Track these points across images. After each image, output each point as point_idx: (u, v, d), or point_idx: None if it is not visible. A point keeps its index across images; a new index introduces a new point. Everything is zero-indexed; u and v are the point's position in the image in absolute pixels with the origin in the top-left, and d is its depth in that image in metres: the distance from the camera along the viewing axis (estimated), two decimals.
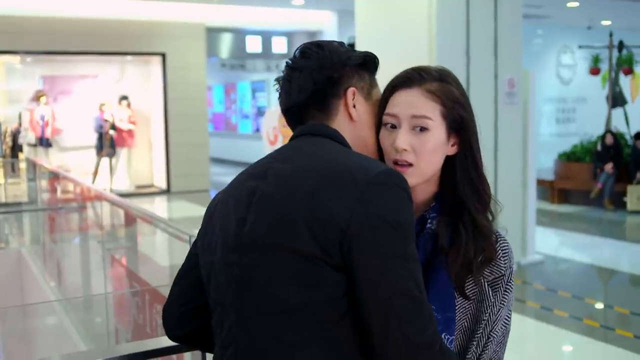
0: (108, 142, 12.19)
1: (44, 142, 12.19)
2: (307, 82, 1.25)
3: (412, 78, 1.27)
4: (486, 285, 1.26)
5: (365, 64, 1.31)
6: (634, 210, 9.63)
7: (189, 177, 12.61)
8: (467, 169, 1.28)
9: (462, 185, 1.27)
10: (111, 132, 12.20)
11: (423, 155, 1.24)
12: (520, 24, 6.52)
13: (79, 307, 5.23)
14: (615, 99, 11.38)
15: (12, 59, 12.62)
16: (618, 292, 6.23)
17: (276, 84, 1.32)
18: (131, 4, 11.70)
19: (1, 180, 11.32)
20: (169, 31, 12.32)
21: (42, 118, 12.15)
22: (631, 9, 11.94)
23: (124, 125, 12.41)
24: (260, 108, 18.48)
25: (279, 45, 14.00)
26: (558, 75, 14.77)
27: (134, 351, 1.63)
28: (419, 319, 1.07)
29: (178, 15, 12.13)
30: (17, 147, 12.62)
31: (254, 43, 13.89)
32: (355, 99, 1.27)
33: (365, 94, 1.30)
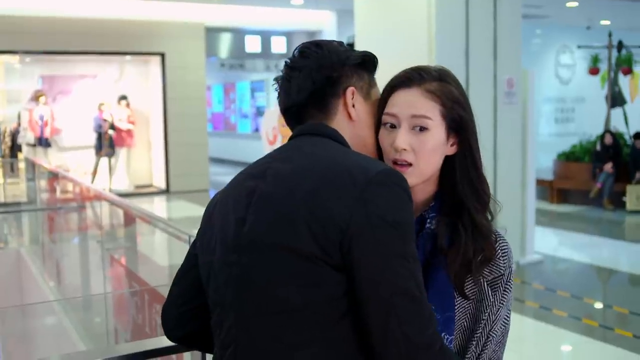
0: (107, 142, 12.19)
1: (43, 142, 12.18)
2: (306, 82, 1.25)
3: (412, 78, 1.26)
4: (485, 285, 1.26)
5: (365, 64, 1.31)
6: (633, 210, 9.64)
7: (188, 177, 12.60)
8: (467, 168, 1.28)
9: (462, 185, 1.27)
10: (110, 132, 12.19)
11: (422, 155, 1.24)
12: (519, 24, 6.51)
13: (78, 307, 5.22)
14: (614, 99, 11.38)
15: (11, 59, 12.61)
16: (617, 292, 6.23)
17: (275, 83, 1.32)
18: (130, 3, 11.69)
19: (0, 180, 11.32)
20: (168, 31, 12.31)
21: (41, 118, 12.14)
22: (630, 9, 11.94)
23: (123, 125, 12.41)
24: (259, 108, 18.49)
25: (278, 45, 14.00)
26: (557, 75, 14.77)
27: (133, 351, 1.63)
28: (419, 319, 1.07)
29: (177, 15, 12.12)
30: (16, 147, 12.61)
31: (253, 43, 13.89)
32: (354, 98, 1.27)
33: (365, 94, 1.30)
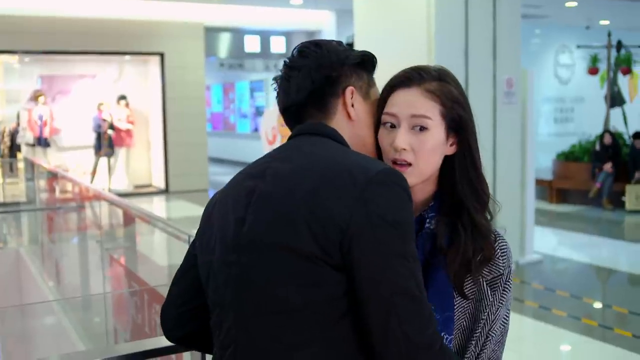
0: (106, 142, 12.18)
1: (42, 142, 12.18)
2: (306, 81, 1.25)
3: (412, 77, 1.26)
4: (485, 284, 1.26)
5: (364, 63, 1.30)
6: (633, 209, 9.64)
7: (188, 177, 12.60)
8: (466, 168, 1.28)
9: (461, 185, 1.27)
10: (109, 132, 12.18)
11: (422, 154, 1.23)
12: (518, 24, 6.51)
13: (78, 307, 5.22)
14: (613, 99, 11.39)
15: (10, 59, 12.61)
16: (616, 292, 6.23)
17: (274, 83, 1.31)
18: (129, 3, 11.68)
19: None
20: (168, 31, 12.31)
21: (41, 118, 12.14)
22: (629, 9, 11.95)
23: (122, 124, 12.40)
24: (258, 108, 18.49)
25: (278, 45, 14.00)
26: (556, 75, 14.77)
27: (133, 351, 1.62)
28: (419, 318, 1.07)
29: (176, 14, 12.12)
30: (15, 147, 12.61)
31: (252, 43, 13.89)
32: (353, 98, 1.27)
33: (364, 93, 1.30)
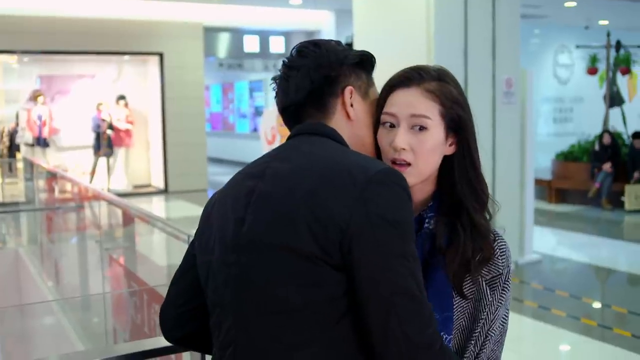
0: (105, 142, 12.18)
1: (41, 142, 12.17)
2: (305, 81, 1.25)
3: (411, 77, 1.26)
4: (484, 284, 1.26)
5: (362, 63, 1.30)
6: (632, 209, 9.65)
7: (187, 177, 12.60)
8: (465, 168, 1.27)
9: (460, 185, 1.27)
10: (109, 132, 12.18)
11: (421, 154, 1.23)
12: (518, 24, 6.51)
13: (77, 307, 5.22)
14: (612, 99, 11.40)
15: (9, 59, 12.60)
16: (615, 292, 6.23)
17: (273, 83, 1.31)
18: (128, 3, 11.68)
19: None
20: (167, 31, 12.30)
21: (40, 118, 12.13)
22: (629, 9, 11.95)
23: (121, 124, 12.40)
24: (257, 108, 18.48)
25: (277, 45, 14.01)
26: (555, 75, 14.78)
27: (132, 351, 1.62)
28: (419, 318, 1.07)
29: (175, 14, 12.11)
30: (15, 147, 12.60)
31: (251, 43, 13.89)
32: (352, 97, 1.27)
33: (363, 93, 1.29)
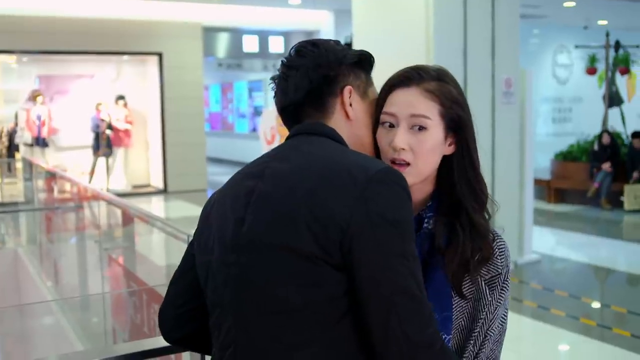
0: (105, 142, 12.18)
1: (40, 142, 12.17)
2: (303, 81, 1.25)
3: (411, 77, 1.26)
4: (483, 284, 1.26)
5: (361, 63, 1.30)
6: (631, 209, 9.65)
7: (186, 177, 12.59)
8: (465, 168, 1.27)
9: (460, 185, 1.27)
10: (108, 132, 12.18)
11: (421, 154, 1.23)
12: (517, 24, 6.51)
13: (76, 307, 5.21)
14: (611, 99, 11.41)
15: (9, 59, 12.60)
16: (615, 291, 6.23)
17: (272, 82, 1.31)
18: (127, 3, 11.67)
19: None
20: (166, 31, 12.30)
21: (39, 118, 12.12)
22: (628, 9, 11.96)
23: (120, 124, 12.39)
24: (257, 108, 18.48)
25: (276, 45, 14.00)
26: (554, 75, 14.78)
27: (131, 351, 1.62)
28: (419, 318, 1.07)
29: (175, 14, 12.11)
30: (14, 147, 12.60)
31: (250, 43, 13.89)
32: (351, 97, 1.27)
33: (362, 93, 1.29)
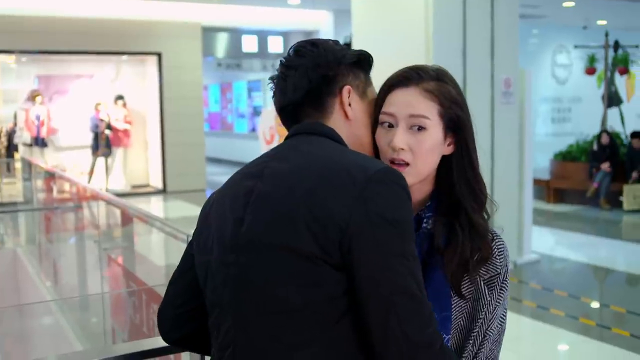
0: (104, 142, 12.17)
1: (39, 142, 12.16)
2: (302, 81, 1.24)
3: (410, 77, 1.26)
4: (482, 284, 1.26)
5: (360, 63, 1.30)
6: (630, 209, 9.66)
7: (185, 177, 12.59)
8: (464, 168, 1.27)
9: (459, 185, 1.27)
10: (107, 132, 12.17)
11: (420, 154, 1.23)
12: (516, 24, 6.52)
13: (75, 307, 5.21)
14: (610, 99, 11.41)
15: (7, 59, 12.59)
16: (614, 291, 6.24)
17: (271, 82, 1.31)
18: (126, 3, 11.67)
19: None
20: (165, 31, 12.30)
21: (38, 118, 12.12)
22: (627, 9, 11.97)
23: (119, 124, 12.39)
24: (256, 108, 18.48)
25: (275, 45, 14.01)
26: (554, 75, 14.79)
27: (131, 351, 1.62)
28: (419, 317, 1.07)
29: (174, 14, 12.11)
30: (13, 147, 12.59)
31: (250, 43, 13.89)
32: (350, 97, 1.27)
33: (361, 93, 1.29)
